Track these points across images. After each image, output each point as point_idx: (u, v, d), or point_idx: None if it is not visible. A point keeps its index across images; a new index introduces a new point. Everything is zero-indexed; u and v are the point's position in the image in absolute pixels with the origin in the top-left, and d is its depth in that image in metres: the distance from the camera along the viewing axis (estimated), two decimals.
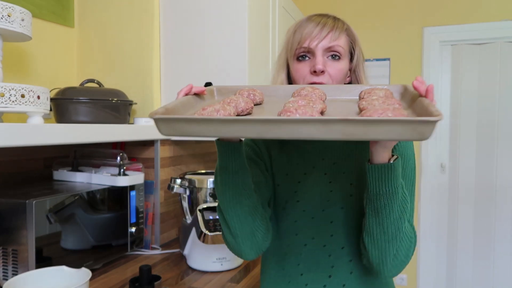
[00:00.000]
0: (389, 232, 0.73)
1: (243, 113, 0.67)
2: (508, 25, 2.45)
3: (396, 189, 0.70)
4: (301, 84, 0.88)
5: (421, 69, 2.62)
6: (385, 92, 0.71)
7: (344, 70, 0.89)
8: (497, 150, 2.54)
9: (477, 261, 2.59)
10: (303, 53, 0.88)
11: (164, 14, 1.56)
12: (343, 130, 0.50)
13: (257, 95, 0.76)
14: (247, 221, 0.79)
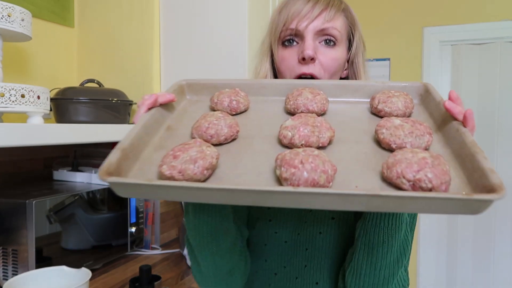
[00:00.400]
0: (380, 276, 0.59)
1: (226, 141, 0.53)
2: (508, 25, 2.45)
3: (400, 225, 0.57)
4: (287, 76, 0.73)
5: (421, 69, 2.62)
6: (404, 101, 0.58)
7: (340, 60, 0.73)
8: (497, 150, 2.54)
9: (477, 261, 2.59)
10: (289, 37, 0.72)
11: (164, 14, 1.56)
12: (369, 203, 0.39)
13: (241, 100, 0.61)
14: (224, 260, 0.63)
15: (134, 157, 0.49)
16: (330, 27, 0.70)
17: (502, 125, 2.52)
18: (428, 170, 0.42)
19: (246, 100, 0.63)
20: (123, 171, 0.46)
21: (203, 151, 0.46)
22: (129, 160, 0.48)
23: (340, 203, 0.40)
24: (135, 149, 0.50)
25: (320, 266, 0.68)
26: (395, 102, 0.57)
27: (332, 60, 0.71)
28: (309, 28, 0.70)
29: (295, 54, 0.71)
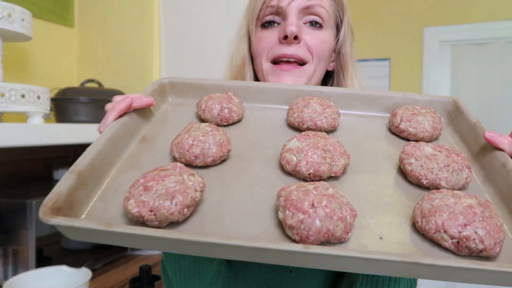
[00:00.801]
0: None
1: (215, 163, 0.43)
2: (508, 25, 2.45)
3: None
4: (262, 59, 0.62)
5: (421, 69, 2.62)
6: (432, 120, 0.48)
7: (328, 43, 0.63)
8: None
9: None
10: (270, 16, 0.62)
11: (164, 14, 1.56)
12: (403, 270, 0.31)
13: (234, 109, 0.50)
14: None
15: (95, 182, 0.39)
16: (316, 4, 0.61)
17: (502, 125, 2.52)
18: (479, 225, 0.33)
19: (241, 108, 0.51)
20: (76, 205, 0.35)
21: (183, 181, 0.35)
22: (87, 187, 0.37)
23: (365, 267, 0.31)
24: (96, 171, 0.39)
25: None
26: (422, 122, 0.47)
27: (320, 42, 0.61)
28: (292, 5, 0.60)
29: (275, 34, 0.61)
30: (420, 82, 2.64)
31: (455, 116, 0.52)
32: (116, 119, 0.45)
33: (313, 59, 0.61)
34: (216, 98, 0.50)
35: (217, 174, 0.42)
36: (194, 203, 0.35)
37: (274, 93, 0.55)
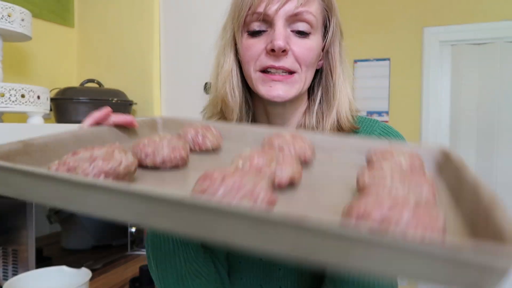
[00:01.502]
0: None
1: (165, 167, 0.42)
2: (508, 25, 2.45)
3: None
4: (250, 68, 0.61)
5: (421, 69, 2.62)
6: (410, 160, 0.41)
7: (316, 50, 0.62)
8: (497, 150, 2.54)
9: None
10: (256, 23, 0.60)
11: (164, 14, 1.56)
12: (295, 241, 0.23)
13: (209, 136, 0.50)
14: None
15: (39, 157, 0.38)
16: (304, 11, 0.59)
17: (502, 125, 2.52)
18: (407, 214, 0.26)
19: (217, 139, 0.51)
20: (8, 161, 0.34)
21: (112, 153, 0.34)
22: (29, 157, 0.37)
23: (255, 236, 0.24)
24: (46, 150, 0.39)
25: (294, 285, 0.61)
26: (396, 160, 0.41)
27: (308, 51, 0.60)
28: (280, 13, 0.58)
29: (262, 43, 0.60)
30: (420, 82, 2.64)
31: (445, 168, 0.44)
32: (91, 125, 0.46)
33: (301, 68, 0.61)
34: (194, 125, 0.52)
35: (163, 176, 0.40)
36: (115, 174, 0.33)
37: (255, 135, 0.54)
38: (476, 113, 2.58)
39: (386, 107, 2.71)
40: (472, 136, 2.59)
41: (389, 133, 0.66)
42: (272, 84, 0.60)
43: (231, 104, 0.64)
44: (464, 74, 2.59)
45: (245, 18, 0.60)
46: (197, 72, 1.53)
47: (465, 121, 2.60)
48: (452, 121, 2.64)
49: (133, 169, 0.36)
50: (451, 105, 2.64)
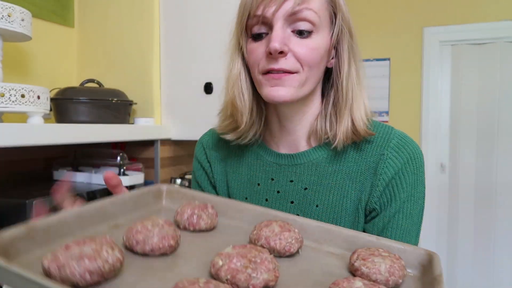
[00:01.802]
0: None
1: (153, 254, 0.44)
2: (508, 25, 2.45)
3: None
4: (255, 72, 0.62)
5: (421, 69, 2.62)
6: (389, 266, 0.43)
7: (320, 49, 0.60)
8: (497, 150, 2.54)
9: (477, 261, 2.59)
10: (257, 26, 0.60)
11: (164, 14, 1.56)
12: None
13: (204, 218, 0.52)
14: None
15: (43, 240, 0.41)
16: (303, 8, 0.57)
17: (502, 125, 2.52)
18: None
19: (212, 219, 0.53)
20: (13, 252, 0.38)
21: (99, 250, 0.37)
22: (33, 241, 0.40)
23: None
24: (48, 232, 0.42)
25: None
26: (377, 263, 0.44)
27: (310, 50, 0.59)
28: (277, 14, 0.57)
29: (263, 46, 0.59)
30: (420, 82, 2.64)
31: (427, 271, 0.46)
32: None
33: (303, 68, 0.59)
34: (192, 205, 0.54)
35: (151, 263, 0.42)
36: (99, 273, 0.36)
37: (250, 214, 0.56)
38: (476, 113, 2.58)
39: (386, 107, 2.71)
40: (472, 136, 2.59)
41: (406, 143, 0.65)
42: (273, 85, 0.59)
43: (240, 108, 0.65)
44: (464, 74, 2.59)
45: (247, 22, 0.61)
46: (197, 72, 1.53)
47: (465, 121, 2.60)
48: (452, 121, 2.64)
49: (118, 265, 0.38)
50: (451, 105, 2.64)
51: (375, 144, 0.65)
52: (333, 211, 0.64)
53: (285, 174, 0.67)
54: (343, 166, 0.65)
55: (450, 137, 2.65)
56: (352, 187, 0.64)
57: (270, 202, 0.68)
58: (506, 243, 2.54)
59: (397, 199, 0.64)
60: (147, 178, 1.54)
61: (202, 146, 0.78)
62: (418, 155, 0.65)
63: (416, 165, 0.65)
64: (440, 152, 2.66)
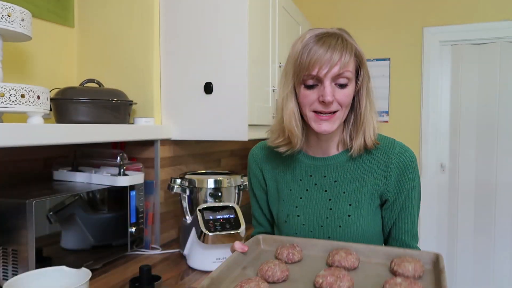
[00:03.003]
0: None
1: (278, 281, 0.74)
2: (508, 25, 2.45)
3: None
4: (306, 110, 0.88)
5: (421, 69, 2.62)
6: (414, 266, 0.74)
7: (351, 95, 0.88)
8: (497, 150, 2.54)
9: (477, 261, 2.59)
10: (311, 81, 0.85)
11: (164, 14, 1.56)
12: None
13: (296, 254, 0.83)
14: None
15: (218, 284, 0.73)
16: (344, 71, 0.84)
17: (502, 125, 2.52)
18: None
19: (300, 253, 0.83)
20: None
21: (259, 285, 0.67)
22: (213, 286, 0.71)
23: None
24: (220, 279, 0.73)
25: None
26: (407, 266, 0.74)
27: (347, 97, 0.86)
28: (328, 76, 0.83)
29: (315, 94, 0.86)
30: (420, 82, 2.64)
31: (436, 265, 0.76)
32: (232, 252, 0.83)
33: (342, 108, 0.87)
34: (285, 247, 0.84)
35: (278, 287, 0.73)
36: None
37: (321, 246, 0.86)
38: (476, 113, 2.58)
39: (386, 107, 2.71)
40: (472, 136, 2.59)
41: (405, 150, 0.92)
42: (321, 122, 0.87)
43: (296, 134, 0.92)
44: (464, 74, 2.59)
45: (303, 76, 0.85)
46: (197, 72, 1.53)
47: (465, 121, 2.60)
48: (452, 121, 2.64)
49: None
50: (451, 105, 2.64)
51: (383, 150, 0.93)
52: (356, 195, 0.91)
53: (320, 171, 0.96)
54: (361, 165, 0.93)
55: (450, 137, 2.65)
56: (368, 179, 0.92)
57: (309, 192, 0.95)
58: (506, 243, 2.54)
59: (404, 189, 0.90)
60: (147, 178, 1.54)
61: (255, 159, 1.06)
62: (413, 158, 0.92)
63: (413, 165, 0.92)
64: (440, 152, 2.66)
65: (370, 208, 0.91)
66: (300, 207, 0.95)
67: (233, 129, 1.49)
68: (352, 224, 0.89)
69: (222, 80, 1.49)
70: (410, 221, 0.92)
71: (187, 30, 1.53)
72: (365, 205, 0.90)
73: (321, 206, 0.93)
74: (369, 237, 0.90)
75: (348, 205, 0.91)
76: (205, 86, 1.51)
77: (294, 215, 0.95)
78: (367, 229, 0.90)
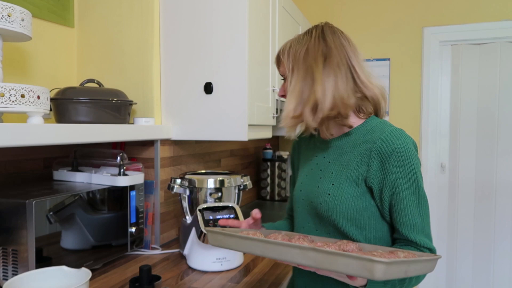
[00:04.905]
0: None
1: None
2: (508, 25, 2.45)
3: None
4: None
5: (421, 69, 2.62)
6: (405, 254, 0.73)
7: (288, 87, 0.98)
8: (497, 150, 2.54)
9: (477, 261, 2.59)
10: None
11: (164, 14, 1.56)
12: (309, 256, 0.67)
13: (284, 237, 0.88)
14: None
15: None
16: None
17: (502, 125, 2.52)
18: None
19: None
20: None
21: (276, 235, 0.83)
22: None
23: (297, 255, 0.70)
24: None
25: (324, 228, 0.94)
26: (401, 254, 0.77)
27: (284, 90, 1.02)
28: None
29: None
30: (420, 82, 2.64)
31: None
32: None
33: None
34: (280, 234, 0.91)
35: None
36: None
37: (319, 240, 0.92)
38: (476, 113, 2.58)
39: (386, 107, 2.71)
40: (472, 136, 2.59)
41: (392, 137, 0.87)
42: None
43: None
44: (464, 74, 2.59)
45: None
46: (197, 72, 1.53)
47: (465, 121, 2.60)
48: (452, 121, 2.64)
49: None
50: (451, 105, 2.64)
51: (373, 135, 0.90)
52: (339, 176, 0.92)
53: (322, 152, 1.00)
54: (352, 148, 0.93)
55: (450, 137, 2.65)
56: (354, 162, 0.91)
57: (312, 170, 1.00)
58: (506, 243, 2.54)
59: (389, 178, 0.86)
60: (147, 178, 1.54)
61: (293, 144, 1.15)
62: (401, 145, 0.86)
63: (400, 152, 0.85)
64: (440, 152, 2.66)
65: (354, 191, 0.89)
66: (303, 183, 1.00)
67: (233, 129, 1.49)
68: (331, 203, 0.90)
69: (222, 80, 1.49)
70: (405, 211, 0.85)
71: (187, 30, 1.53)
72: (348, 187, 0.89)
73: (314, 183, 0.96)
74: (356, 219, 0.89)
75: (331, 185, 0.92)
76: (205, 86, 1.51)
77: (298, 190, 1.02)
78: (349, 211, 0.88)
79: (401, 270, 0.62)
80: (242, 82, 1.46)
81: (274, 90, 1.77)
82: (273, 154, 2.57)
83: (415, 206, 0.85)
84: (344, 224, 0.89)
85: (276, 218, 2.03)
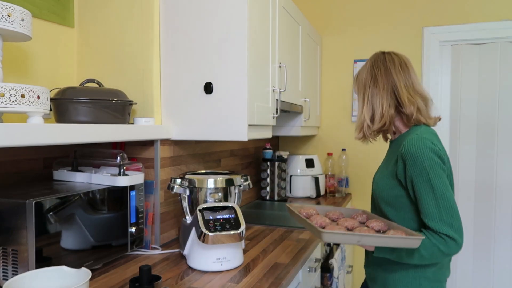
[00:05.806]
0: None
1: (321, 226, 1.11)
2: (508, 25, 2.45)
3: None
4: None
5: (421, 69, 2.62)
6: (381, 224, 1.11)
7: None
8: (496, 150, 2.54)
9: (477, 261, 2.59)
10: None
11: (164, 14, 1.56)
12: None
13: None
14: None
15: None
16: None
17: (502, 125, 2.52)
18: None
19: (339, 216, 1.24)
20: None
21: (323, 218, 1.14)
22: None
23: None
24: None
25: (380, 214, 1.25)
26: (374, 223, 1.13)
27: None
28: None
29: None
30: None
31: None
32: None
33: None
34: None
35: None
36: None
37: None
38: (476, 112, 2.58)
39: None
40: (472, 136, 2.59)
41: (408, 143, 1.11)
42: None
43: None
44: (464, 74, 2.59)
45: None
46: (197, 72, 1.53)
47: (465, 121, 2.60)
48: (452, 121, 2.64)
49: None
50: (451, 105, 2.64)
51: (404, 140, 1.14)
52: (384, 170, 1.21)
53: (388, 152, 1.28)
54: (395, 150, 1.20)
55: (450, 137, 2.65)
56: (392, 161, 1.18)
57: (381, 163, 1.29)
58: (506, 243, 2.54)
59: (407, 175, 1.09)
60: (147, 178, 1.54)
61: None
62: (414, 150, 1.08)
63: (414, 156, 1.08)
64: None
65: (391, 182, 1.16)
66: (377, 174, 1.27)
67: (233, 129, 1.49)
68: (376, 189, 1.22)
69: (222, 80, 1.49)
70: (422, 202, 1.06)
71: (187, 30, 1.53)
72: (387, 179, 1.18)
73: (376, 174, 1.27)
74: (392, 203, 1.16)
75: (379, 176, 1.22)
76: (205, 86, 1.51)
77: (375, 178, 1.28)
78: (385, 196, 1.18)
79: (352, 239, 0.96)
80: (242, 82, 1.46)
81: (274, 90, 1.77)
82: (273, 154, 2.57)
83: (431, 198, 1.04)
84: (384, 206, 1.19)
85: (276, 218, 2.03)
